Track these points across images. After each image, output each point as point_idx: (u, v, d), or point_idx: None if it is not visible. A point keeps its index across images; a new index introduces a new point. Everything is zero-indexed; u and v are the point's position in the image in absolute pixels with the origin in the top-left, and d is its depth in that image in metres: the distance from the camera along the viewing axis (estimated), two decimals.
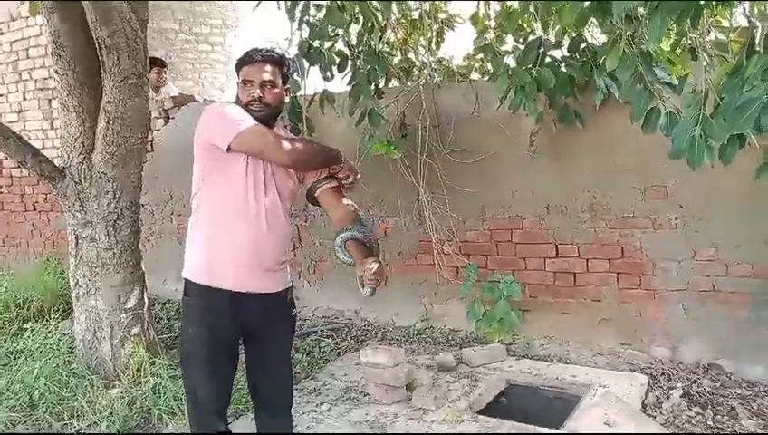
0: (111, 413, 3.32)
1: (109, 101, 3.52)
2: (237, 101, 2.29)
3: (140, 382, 3.62)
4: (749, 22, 2.44)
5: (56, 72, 3.62)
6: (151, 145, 5.42)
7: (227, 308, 2.21)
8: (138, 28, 3.49)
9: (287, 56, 2.41)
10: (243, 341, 2.38)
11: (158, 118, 5.42)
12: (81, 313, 3.84)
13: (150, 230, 5.65)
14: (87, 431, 3.25)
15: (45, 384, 3.51)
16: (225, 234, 2.18)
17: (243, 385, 3.66)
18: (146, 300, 3.96)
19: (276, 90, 2.28)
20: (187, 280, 2.28)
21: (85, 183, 3.69)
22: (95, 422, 3.29)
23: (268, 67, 2.26)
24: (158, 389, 3.49)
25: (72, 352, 3.96)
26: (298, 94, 3.86)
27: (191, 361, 2.30)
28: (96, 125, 3.62)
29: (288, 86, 2.39)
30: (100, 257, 3.75)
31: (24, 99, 6.39)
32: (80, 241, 3.78)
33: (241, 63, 2.28)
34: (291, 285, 2.43)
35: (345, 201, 2.39)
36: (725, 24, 3.15)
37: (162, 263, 5.56)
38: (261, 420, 2.49)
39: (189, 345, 2.31)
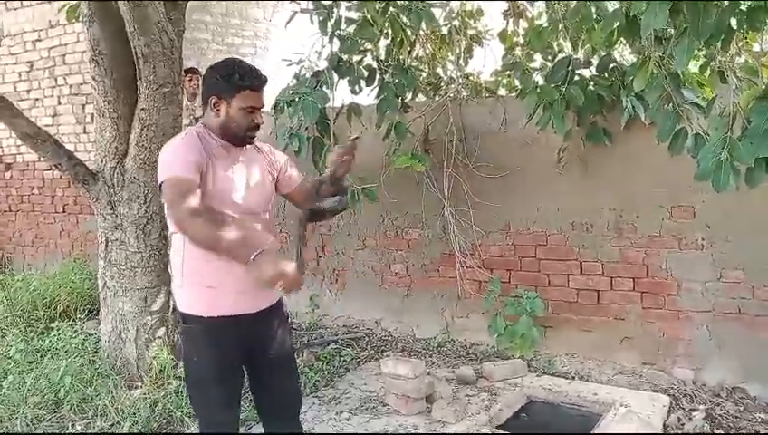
0: (134, 414, 3.37)
1: (143, 108, 3.60)
2: (224, 123, 2.12)
3: (163, 385, 3.66)
4: None
5: (93, 78, 3.71)
6: None
7: (231, 332, 2.13)
8: (174, 38, 3.58)
9: None
10: (247, 363, 2.31)
11: (188, 125, 5.51)
12: (108, 314, 3.91)
13: None
14: (110, 431, 3.30)
15: (71, 383, 3.57)
16: (214, 266, 2.04)
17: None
18: (171, 304, 4.01)
19: None
20: (183, 313, 2.19)
21: (117, 187, 3.77)
22: (118, 422, 3.35)
23: (264, 89, 2.17)
24: (181, 392, 3.54)
25: (96, 353, 4.03)
26: (327, 106, 3.91)
27: (199, 387, 2.21)
28: (130, 131, 3.71)
29: None
30: (128, 260, 3.82)
31: (59, 103, 6.54)
32: (109, 244, 3.86)
33: (240, 87, 2.09)
34: (281, 296, 2.34)
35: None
36: (756, 48, 3.16)
37: None
38: (270, 428, 2.40)
39: (195, 373, 2.20)
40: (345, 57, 3.88)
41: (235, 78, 2.07)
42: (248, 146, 2.23)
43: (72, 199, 6.59)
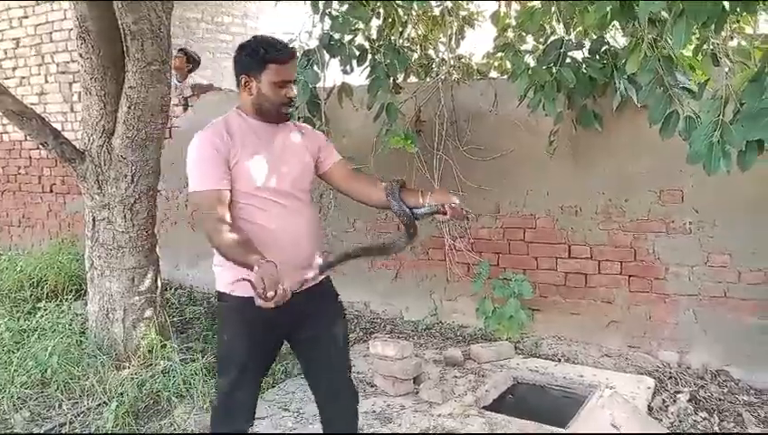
0: (121, 393, 3.37)
1: (131, 87, 3.56)
2: (255, 100, 2.10)
3: (151, 365, 3.67)
4: None
5: (80, 55, 3.66)
6: (170, 132, 5.46)
7: (263, 314, 2.01)
8: (162, 15, 3.52)
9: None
10: (290, 342, 2.29)
11: (177, 105, 5.47)
12: (95, 294, 3.90)
13: (165, 216, 5.70)
14: (97, 410, 3.30)
15: (58, 362, 3.56)
16: (255, 241, 2.00)
17: None
18: (159, 284, 4.01)
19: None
20: (221, 292, 2.19)
21: (104, 166, 3.74)
22: (105, 402, 3.34)
23: (295, 61, 2.13)
24: (168, 372, 3.55)
25: (84, 333, 4.01)
26: (317, 86, 3.88)
27: (224, 364, 2.24)
28: (117, 109, 3.67)
29: None
30: (116, 240, 3.79)
31: (46, 82, 6.46)
32: (97, 223, 3.83)
33: (268, 61, 2.04)
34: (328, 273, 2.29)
35: (357, 172, 2.32)
36: (749, 30, 3.15)
37: (176, 248, 5.62)
38: (327, 415, 2.34)
39: (224, 350, 2.25)
40: (336, 36, 3.84)
41: (261, 53, 2.05)
42: (285, 125, 2.19)
43: (59, 179, 6.53)
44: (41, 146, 3.94)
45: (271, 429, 3.09)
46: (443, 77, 4.33)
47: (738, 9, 2.15)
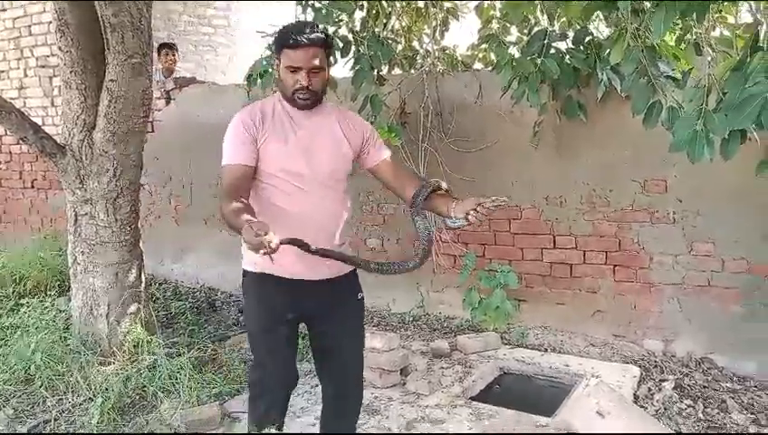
0: (107, 389, 3.34)
1: (112, 80, 3.51)
2: (278, 85, 2.15)
3: (136, 360, 3.63)
4: (754, 18, 2.45)
5: (60, 48, 3.61)
6: (152, 126, 5.41)
7: (282, 293, 2.16)
8: (143, 8, 3.47)
9: (329, 33, 2.20)
10: (308, 329, 2.33)
11: (159, 99, 5.42)
12: (79, 289, 3.85)
13: (149, 210, 5.65)
14: (82, 406, 3.27)
15: (41, 359, 3.52)
16: (273, 223, 1.90)
17: (238, 365, 3.70)
18: (143, 279, 3.97)
19: (323, 74, 2.10)
20: (245, 269, 2.25)
21: (86, 160, 3.69)
22: (90, 398, 3.31)
23: (315, 51, 2.04)
24: (154, 367, 3.51)
25: (68, 329, 3.97)
26: None
27: (251, 335, 2.32)
28: (98, 103, 3.61)
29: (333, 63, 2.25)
30: (98, 235, 3.75)
31: (26, 76, 6.37)
32: (79, 218, 3.79)
33: (283, 45, 2.05)
34: (353, 268, 2.27)
35: (410, 173, 2.32)
36: (731, 20, 3.17)
37: (160, 243, 5.58)
38: (329, 413, 2.41)
39: (248, 323, 2.38)
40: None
41: (279, 37, 2.07)
42: (326, 112, 2.20)
43: (41, 175, 6.45)
44: (21, 141, 3.88)
45: None
46: (427, 69, 4.32)
47: None
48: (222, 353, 3.88)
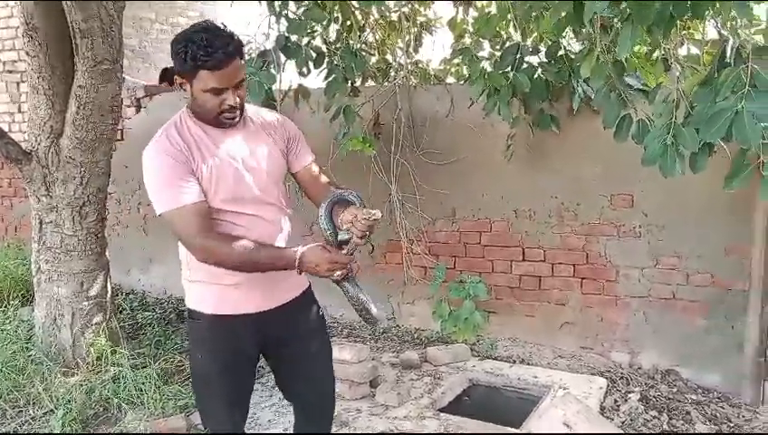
0: (69, 401, 3.26)
1: (80, 86, 3.46)
2: (193, 109, 1.86)
3: (100, 371, 3.57)
4: (720, 35, 2.52)
5: (27, 53, 3.55)
6: (121, 133, 5.34)
7: (245, 332, 1.96)
8: (114, 14, 3.43)
9: (236, 34, 1.83)
10: (267, 357, 2.13)
11: (129, 106, 5.36)
12: (42, 299, 3.77)
13: (116, 219, 5.57)
14: (43, 418, 3.19)
15: (1, 370, 3.44)
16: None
17: None
18: (109, 289, 3.90)
19: (245, 84, 1.86)
20: (191, 309, 2.01)
21: (52, 167, 3.63)
22: (51, 410, 3.24)
23: (236, 63, 1.77)
24: (119, 378, 3.45)
25: (30, 339, 3.89)
26: (273, 87, 3.84)
27: (202, 385, 2.05)
28: (66, 109, 3.56)
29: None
30: (64, 243, 3.69)
31: None
32: (44, 226, 3.72)
33: (196, 66, 1.73)
34: (309, 283, 2.14)
35: (323, 178, 2.11)
36: (698, 36, 3.26)
37: (127, 253, 5.49)
38: (298, 427, 2.26)
39: (199, 370, 2.04)
40: (293, 38, 3.81)
41: (189, 57, 1.72)
42: (244, 123, 1.94)
43: (6, 181, 6.32)
44: None
45: None
46: (400, 82, 4.34)
47: (686, 14, 2.20)
48: (189, 365, 3.82)
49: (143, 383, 3.39)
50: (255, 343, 2.01)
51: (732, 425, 3.21)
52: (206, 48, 1.71)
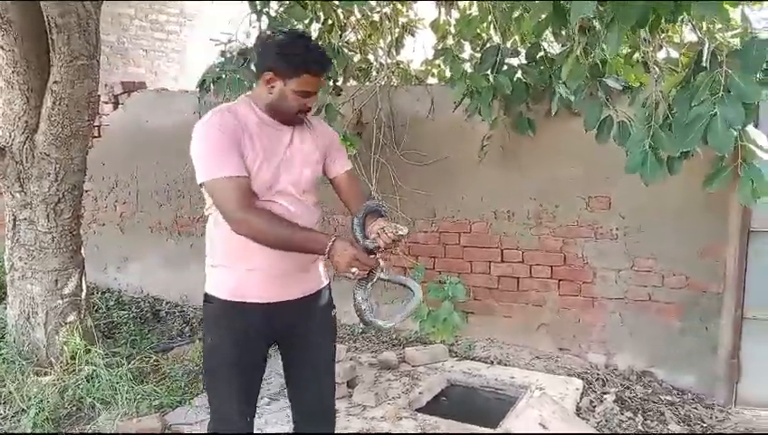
0: (41, 401, 3.22)
1: (56, 81, 3.42)
2: (276, 102, 1.95)
3: (74, 371, 3.52)
4: (698, 38, 2.55)
5: (1, 47, 3.48)
6: (98, 130, 5.28)
7: (257, 321, 2.01)
8: (91, 10, 3.39)
9: None
10: (278, 347, 2.19)
11: (106, 103, 5.29)
12: (16, 297, 3.71)
13: (93, 217, 5.50)
14: (14, 418, 3.14)
15: None
16: (248, 247, 1.90)
17: (181, 376, 3.62)
18: (84, 287, 3.85)
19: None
20: (208, 293, 2.07)
21: (26, 163, 3.57)
22: (23, 409, 3.19)
23: (323, 77, 2.02)
24: (93, 377, 3.41)
25: (2, 338, 3.82)
26: (254, 85, 3.81)
27: (212, 372, 2.09)
28: (41, 105, 3.51)
29: None
30: (38, 240, 3.63)
31: None
32: (18, 223, 3.66)
33: (303, 69, 1.90)
34: (327, 282, 2.22)
35: (358, 186, 2.26)
36: (677, 39, 3.30)
37: (103, 251, 5.43)
38: (299, 426, 2.26)
39: (210, 357, 2.08)
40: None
41: (299, 59, 1.89)
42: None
43: None
44: None
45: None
46: (381, 82, 4.34)
47: (667, 15, 2.22)
48: (165, 365, 3.79)
49: (117, 383, 3.36)
50: (265, 332, 2.06)
51: (704, 425, 3.26)
52: (315, 56, 1.91)
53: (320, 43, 4.01)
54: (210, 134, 1.89)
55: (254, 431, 2.16)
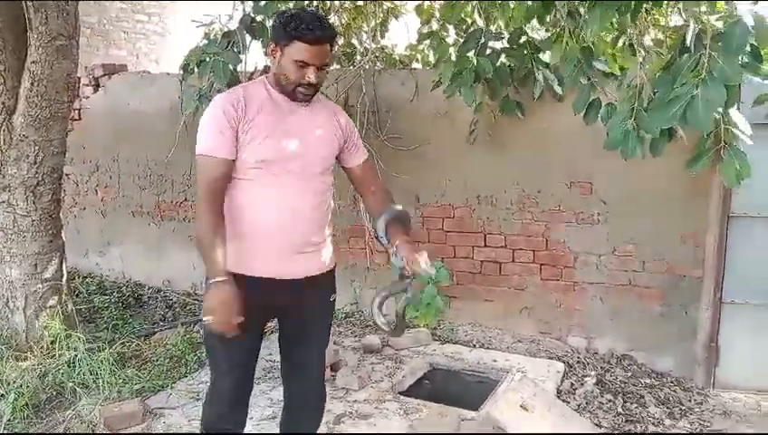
0: (21, 385, 3.18)
1: (34, 61, 3.36)
2: (276, 75, 1.99)
3: (55, 355, 3.48)
4: (683, 20, 2.56)
5: None
6: (79, 113, 5.20)
7: (256, 294, 1.98)
8: None
9: (334, 26, 2.04)
10: (278, 325, 2.25)
11: (87, 85, 5.21)
12: None
13: (74, 201, 5.43)
14: None
15: None
16: (251, 219, 1.99)
17: (163, 361, 3.61)
18: (64, 271, 3.81)
19: (327, 70, 2.03)
20: None
21: (4, 146, 3.51)
22: (1, 395, 3.15)
23: (327, 47, 1.96)
24: (74, 362, 3.38)
25: None
26: (238, 69, 3.78)
27: (210, 341, 2.12)
28: (19, 85, 3.45)
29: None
30: (17, 224, 3.58)
31: None
32: None
33: (296, 37, 1.91)
34: (332, 267, 2.22)
35: (376, 179, 2.27)
36: (663, 22, 3.32)
37: (84, 235, 5.37)
38: (292, 412, 2.29)
39: (207, 326, 2.07)
40: (258, 18, 3.75)
41: (291, 26, 1.90)
42: (320, 105, 2.10)
43: None
44: None
45: (183, 419, 3.00)
46: (366, 66, 4.32)
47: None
48: (147, 349, 3.77)
49: (99, 368, 3.33)
50: (266, 308, 2.07)
51: (683, 408, 3.31)
52: (308, 24, 1.90)
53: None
54: (212, 109, 1.98)
55: None
